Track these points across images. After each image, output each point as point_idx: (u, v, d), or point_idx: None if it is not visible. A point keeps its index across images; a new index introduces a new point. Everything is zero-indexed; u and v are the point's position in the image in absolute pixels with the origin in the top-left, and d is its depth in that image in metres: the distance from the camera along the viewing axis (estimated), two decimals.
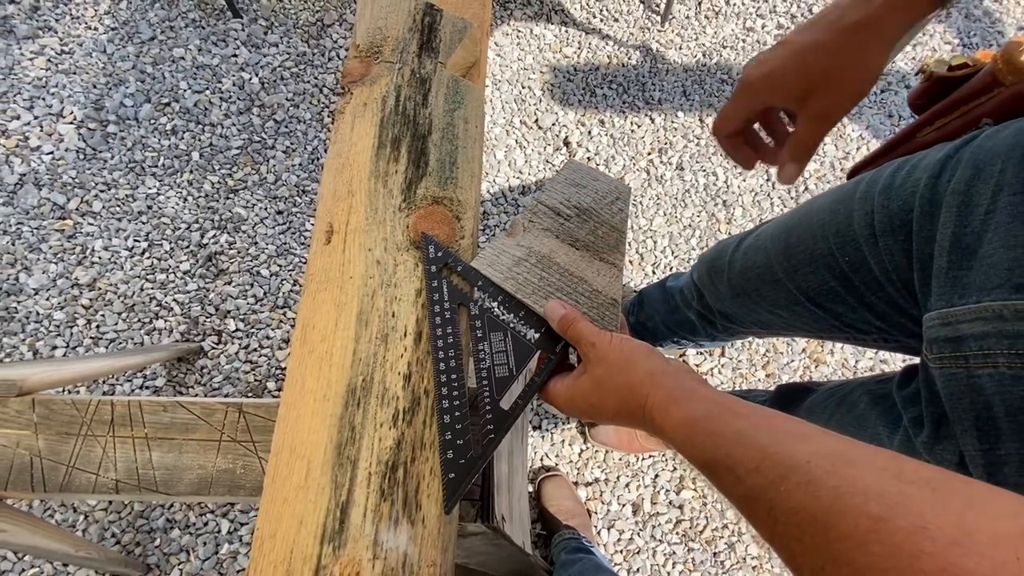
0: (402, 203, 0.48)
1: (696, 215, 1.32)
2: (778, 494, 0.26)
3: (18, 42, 1.37)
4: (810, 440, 0.27)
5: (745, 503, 0.28)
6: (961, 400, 0.37)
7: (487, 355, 0.43)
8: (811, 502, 0.24)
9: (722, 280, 0.69)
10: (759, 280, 0.62)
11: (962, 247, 0.39)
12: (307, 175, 1.30)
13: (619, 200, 0.48)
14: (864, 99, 0.50)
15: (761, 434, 0.29)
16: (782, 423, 0.29)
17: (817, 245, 0.53)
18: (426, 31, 0.55)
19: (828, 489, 0.24)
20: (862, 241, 0.48)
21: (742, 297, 0.67)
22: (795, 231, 0.57)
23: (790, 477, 0.26)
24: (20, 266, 1.17)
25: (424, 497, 0.39)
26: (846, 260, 0.50)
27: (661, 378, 0.36)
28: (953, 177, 0.41)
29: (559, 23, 1.51)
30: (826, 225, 0.53)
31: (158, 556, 1.00)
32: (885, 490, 0.22)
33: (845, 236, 0.50)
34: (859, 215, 0.49)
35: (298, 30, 1.44)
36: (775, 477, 0.26)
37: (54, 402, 0.53)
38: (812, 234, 0.54)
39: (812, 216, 0.55)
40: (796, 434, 0.28)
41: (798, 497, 0.25)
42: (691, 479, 1.11)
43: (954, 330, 0.38)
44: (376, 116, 0.51)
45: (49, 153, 1.27)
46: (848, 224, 0.50)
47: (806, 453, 0.26)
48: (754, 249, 0.64)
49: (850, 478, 0.24)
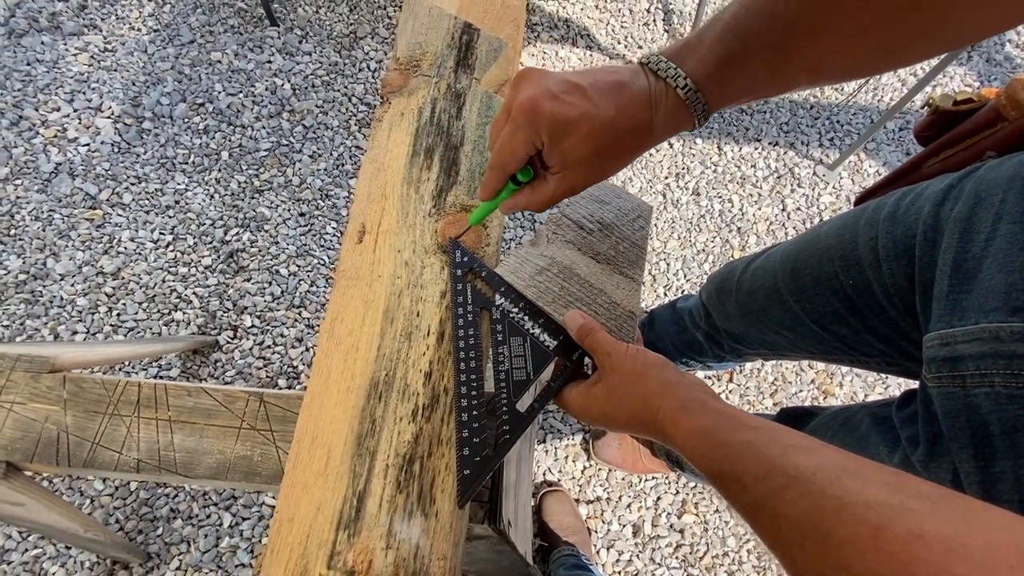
0: (432, 208, 0.50)
1: (710, 240, 1.34)
2: (782, 503, 0.27)
3: (64, 38, 1.43)
4: (815, 453, 0.28)
5: (750, 511, 0.29)
6: (958, 418, 0.38)
7: (506, 358, 0.44)
8: (814, 511, 0.25)
9: (730, 300, 0.71)
10: (766, 300, 0.64)
11: (962, 272, 0.40)
12: (331, 180, 1.33)
13: (641, 218, 0.50)
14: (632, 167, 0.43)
15: (768, 446, 0.30)
16: (788, 436, 0.31)
17: (823, 268, 0.55)
18: (463, 48, 0.58)
19: (831, 499, 0.25)
20: (866, 265, 0.50)
21: (749, 317, 0.68)
22: (802, 254, 0.59)
23: (794, 487, 0.27)
24: (49, 251, 1.21)
25: (438, 492, 0.41)
26: (851, 283, 0.52)
27: (674, 390, 0.37)
28: (956, 206, 0.43)
29: (584, 47, 1.55)
30: (832, 249, 0.55)
31: (159, 545, 1.01)
32: (886, 501, 0.24)
33: (850, 260, 0.52)
34: (864, 240, 0.51)
35: (331, 41, 1.49)
36: (780, 487, 0.27)
37: (84, 380, 0.55)
38: (818, 258, 0.56)
39: (819, 241, 0.57)
40: (802, 447, 0.29)
41: (802, 506, 0.26)
42: (693, 504, 1.10)
43: (953, 350, 0.39)
44: (412, 126, 0.54)
45: (85, 145, 1.32)
46: (853, 249, 0.52)
47: (811, 465, 0.27)
48: (762, 271, 0.66)
49: (853, 489, 0.25)
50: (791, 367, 1.22)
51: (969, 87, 1.56)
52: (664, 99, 0.37)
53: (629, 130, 0.37)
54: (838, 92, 1.53)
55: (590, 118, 0.36)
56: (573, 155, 0.37)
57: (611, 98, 0.37)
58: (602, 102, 0.36)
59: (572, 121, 0.36)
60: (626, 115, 0.37)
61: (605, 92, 0.37)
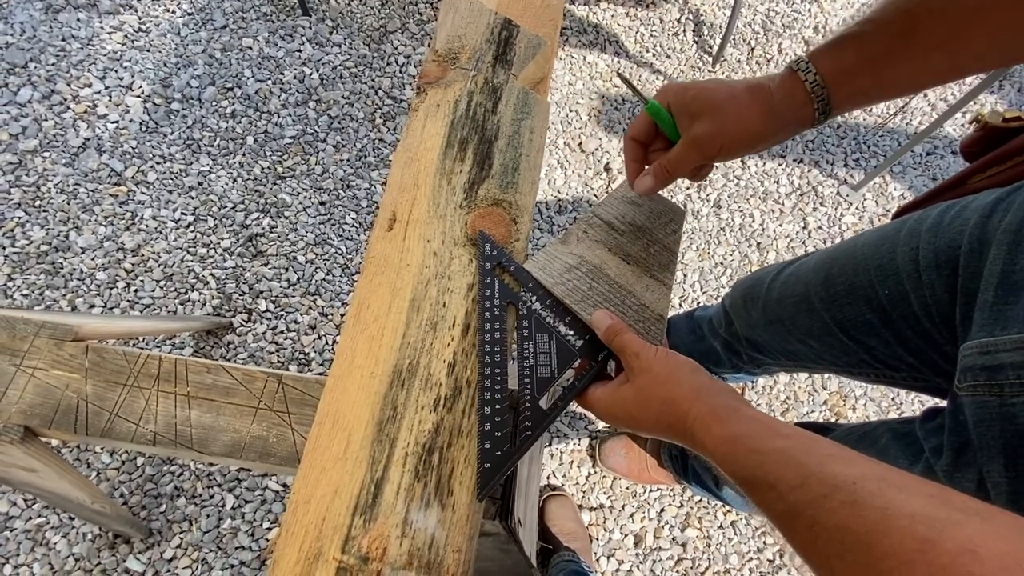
0: (463, 201, 0.50)
1: (729, 254, 1.33)
2: (821, 511, 0.26)
3: (100, 16, 1.45)
4: (855, 463, 0.28)
5: (785, 518, 0.28)
6: (991, 427, 0.38)
7: (531, 354, 0.44)
8: (856, 521, 0.24)
9: (756, 306, 0.70)
10: (795, 308, 0.63)
11: (1009, 283, 0.40)
12: (353, 171, 1.34)
13: (673, 222, 0.49)
14: (750, 154, 0.53)
15: (804, 454, 0.29)
16: (825, 445, 0.30)
17: (858, 277, 0.55)
18: (502, 44, 0.58)
19: (874, 509, 0.24)
20: (904, 275, 0.50)
21: (775, 324, 0.67)
22: (837, 263, 0.58)
23: (834, 496, 0.26)
24: (72, 224, 1.22)
25: (456, 483, 0.40)
26: (886, 293, 0.52)
27: (705, 395, 0.36)
28: (1005, 218, 0.43)
29: (612, 53, 1.55)
30: (869, 259, 0.54)
31: (162, 522, 1.01)
32: (933, 514, 0.23)
33: (887, 270, 0.52)
34: (904, 251, 0.50)
35: (362, 33, 1.50)
36: (818, 495, 0.27)
37: (106, 351, 0.55)
38: (854, 267, 0.56)
39: (856, 250, 0.57)
40: (840, 456, 0.29)
41: (842, 515, 0.25)
42: (697, 518, 1.09)
43: (993, 359, 0.38)
44: (447, 117, 0.54)
45: (114, 122, 1.33)
46: (891, 259, 0.51)
47: (851, 475, 0.27)
48: (794, 278, 0.65)
49: (897, 501, 0.24)
50: (804, 386, 1.20)
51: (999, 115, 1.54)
52: (792, 90, 0.42)
53: (748, 92, 0.43)
54: (867, 114, 1.51)
55: (707, 82, 0.44)
56: (693, 105, 0.44)
57: (743, 83, 0.44)
58: (722, 81, 0.44)
59: (691, 84, 0.44)
60: (743, 83, 0.43)
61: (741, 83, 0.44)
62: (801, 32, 1.61)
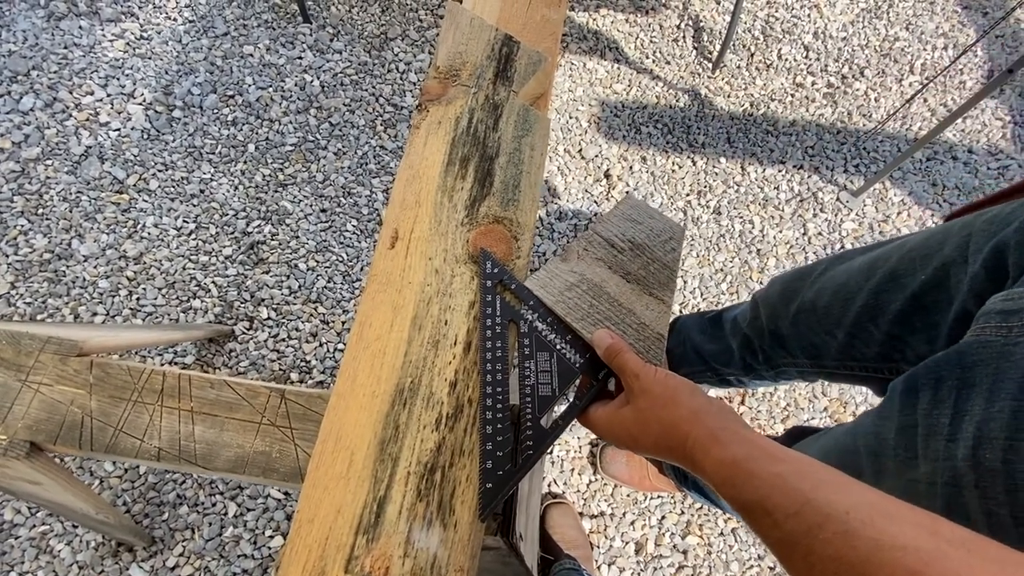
0: (465, 218, 0.51)
1: (729, 260, 1.33)
2: (815, 541, 0.27)
3: (102, 24, 1.46)
4: (849, 491, 0.28)
5: (782, 547, 0.29)
6: (987, 366, 0.39)
7: (532, 373, 0.44)
8: (848, 552, 0.25)
9: (795, 299, 0.70)
10: (832, 297, 0.64)
11: None
12: (354, 178, 1.34)
13: (672, 240, 0.50)
14: None
15: (800, 480, 0.30)
16: (821, 471, 0.30)
17: (901, 265, 0.56)
18: (503, 60, 0.59)
19: (865, 540, 0.25)
20: (949, 262, 0.50)
21: (806, 314, 0.67)
22: (884, 254, 0.60)
23: (828, 526, 0.27)
24: (74, 232, 1.23)
25: (458, 503, 0.41)
26: (922, 279, 0.52)
27: (704, 417, 0.37)
28: None
29: (612, 60, 1.56)
30: (915, 249, 0.55)
31: (164, 530, 1.02)
32: (922, 545, 0.24)
33: (933, 258, 0.52)
34: (955, 241, 0.51)
35: (362, 40, 1.51)
36: (813, 524, 0.27)
37: (110, 366, 0.56)
38: (900, 256, 0.57)
39: (905, 243, 0.58)
40: (835, 484, 0.29)
41: (836, 546, 0.26)
42: (698, 525, 1.09)
43: (1013, 303, 0.39)
44: (449, 135, 0.54)
45: (116, 130, 1.34)
46: (939, 248, 0.52)
47: (845, 504, 0.27)
48: (842, 271, 0.66)
49: (888, 532, 0.25)
50: (804, 392, 1.21)
51: (1000, 120, 1.54)
52: None
53: None
54: (866, 119, 1.52)
55: None
56: None
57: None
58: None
59: None
60: None
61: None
62: (801, 37, 1.62)
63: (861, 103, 1.54)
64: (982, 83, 1.59)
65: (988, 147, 1.50)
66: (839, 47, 1.61)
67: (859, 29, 1.65)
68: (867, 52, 1.61)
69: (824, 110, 1.53)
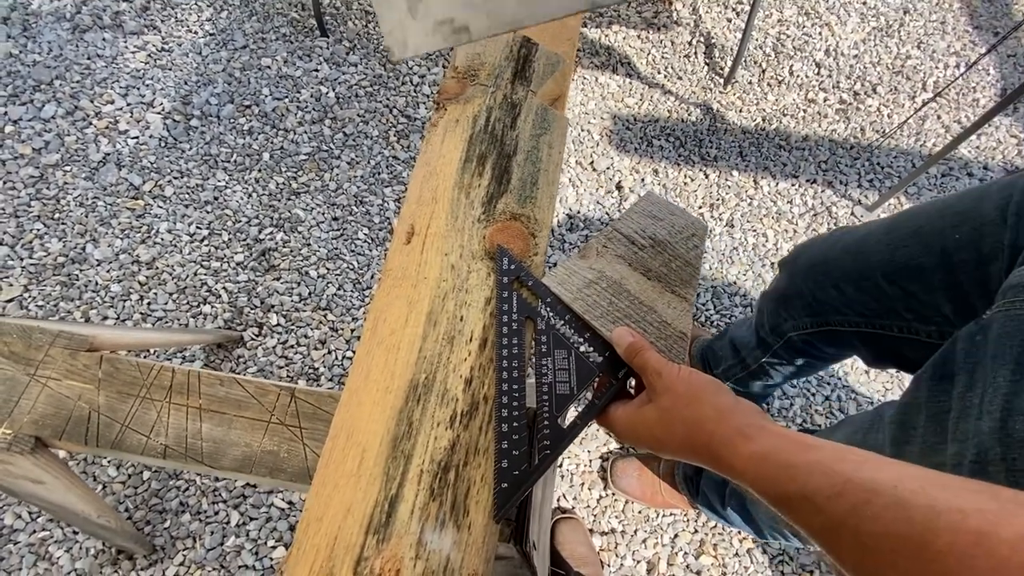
0: (482, 215, 0.50)
1: (742, 274, 1.31)
2: (863, 519, 0.25)
3: (125, 36, 1.49)
4: (892, 466, 0.27)
5: (826, 533, 0.27)
6: (1013, 338, 0.38)
7: (550, 371, 0.43)
8: (902, 524, 0.23)
9: (806, 253, 0.69)
10: (843, 251, 0.62)
11: None
12: (367, 187, 1.35)
13: (695, 236, 0.49)
14: None
15: (838, 462, 0.28)
16: (858, 452, 0.29)
17: (930, 223, 0.54)
18: (521, 61, 0.59)
19: (920, 509, 0.23)
20: (986, 222, 0.49)
21: (815, 268, 0.66)
22: (910, 212, 0.58)
23: (875, 501, 0.25)
24: (89, 237, 1.24)
25: (473, 503, 0.39)
26: (955, 237, 0.50)
27: (729, 415, 0.35)
28: None
29: (624, 75, 1.57)
30: (949, 207, 0.53)
31: (165, 538, 1.00)
32: (984, 506, 0.22)
33: (967, 215, 0.51)
34: (994, 200, 0.49)
35: (378, 54, 1.53)
36: (858, 502, 0.25)
37: (119, 362, 0.55)
38: (928, 214, 0.55)
39: (937, 201, 0.56)
40: (876, 461, 0.27)
41: (887, 520, 0.24)
42: (712, 544, 1.06)
43: None
44: (466, 132, 0.54)
45: (135, 138, 1.36)
46: (977, 206, 0.50)
47: (890, 478, 0.26)
48: (863, 228, 0.64)
49: (943, 498, 0.23)
50: (821, 408, 1.18)
51: (1015, 137, 1.53)
52: None
53: None
54: (879, 135, 1.51)
55: None
56: None
57: None
58: None
59: None
60: None
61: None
62: (812, 55, 1.62)
63: (874, 119, 1.54)
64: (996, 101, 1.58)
65: (1003, 164, 1.49)
66: (851, 64, 1.62)
67: (870, 47, 1.65)
68: (879, 70, 1.62)
69: (837, 126, 1.52)
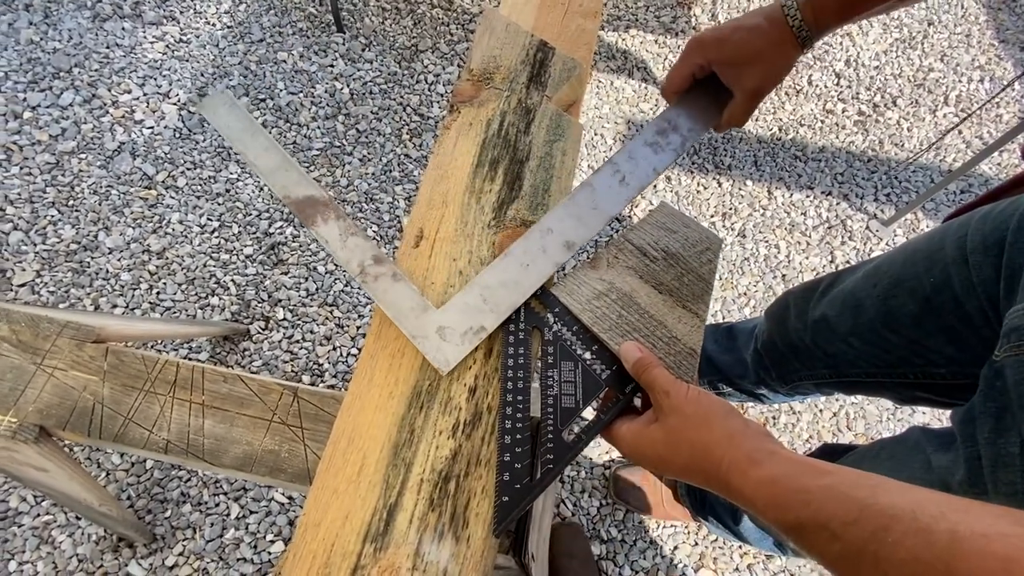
0: (492, 220, 0.49)
1: (752, 285, 1.30)
2: (883, 546, 0.24)
3: (144, 26, 1.50)
4: (909, 491, 0.26)
5: (844, 562, 0.26)
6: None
7: (555, 383, 0.42)
8: (925, 549, 0.23)
9: (807, 311, 0.70)
10: (842, 305, 0.64)
11: None
12: (377, 185, 1.35)
13: (709, 251, 0.48)
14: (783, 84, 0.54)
15: (853, 488, 0.27)
16: (871, 477, 0.28)
17: (905, 270, 0.57)
18: (537, 65, 0.58)
19: (942, 534, 0.22)
20: (950, 261, 0.51)
21: (820, 323, 0.67)
22: (887, 261, 0.61)
23: (895, 527, 0.24)
24: (102, 225, 1.25)
25: (472, 515, 0.39)
26: (931, 281, 0.53)
27: (740, 439, 0.34)
28: None
29: (639, 79, 1.55)
30: (918, 252, 0.56)
31: (166, 527, 1.00)
32: (1008, 531, 0.21)
33: (935, 258, 0.53)
34: (952, 239, 0.52)
35: (393, 51, 1.53)
36: (877, 527, 0.25)
37: (125, 354, 0.55)
38: (902, 261, 0.58)
39: (907, 247, 0.59)
40: (893, 487, 0.27)
41: (909, 545, 0.23)
42: (712, 558, 1.05)
43: None
44: (479, 136, 0.54)
45: (150, 128, 1.37)
46: (940, 248, 0.53)
47: (909, 503, 0.25)
48: (849, 281, 0.66)
49: (965, 523, 0.22)
50: (828, 425, 1.16)
51: None
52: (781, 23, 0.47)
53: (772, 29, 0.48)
54: (898, 148, 1.49)
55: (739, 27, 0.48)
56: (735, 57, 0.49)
57: (753, 14, 0.49)
58: (745, 19, 0.49)
59: (728, 34, 0.49)
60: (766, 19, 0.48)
61: (749, 15, 0.49)
62: (832, 64, 1.60)
63: (893, 132, 1.52)
64: (1020, 117, 1.55)
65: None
66: (871, 75, 1.59)
67: (892, 59, 1.63)
68: (900, 82, 1.59)
69: (855, 137, 1.50)
